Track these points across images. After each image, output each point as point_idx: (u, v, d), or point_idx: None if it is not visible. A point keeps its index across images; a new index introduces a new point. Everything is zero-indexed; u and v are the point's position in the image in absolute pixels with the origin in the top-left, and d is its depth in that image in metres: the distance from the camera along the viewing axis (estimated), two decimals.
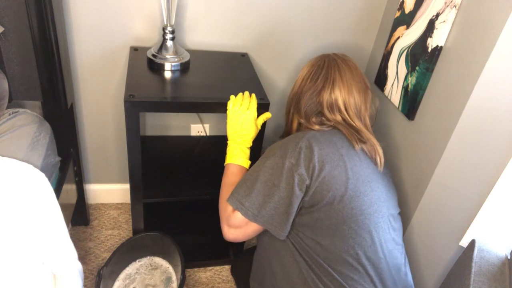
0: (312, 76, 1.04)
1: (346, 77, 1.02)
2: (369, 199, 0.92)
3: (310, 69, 1.07)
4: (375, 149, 0.98)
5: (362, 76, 1.06)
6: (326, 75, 1.03)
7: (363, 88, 1.04)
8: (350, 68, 1.04)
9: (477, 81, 0.93)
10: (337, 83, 1.01)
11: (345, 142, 0.96)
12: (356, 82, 1.03)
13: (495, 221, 1.02)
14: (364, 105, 1.04)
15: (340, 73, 1.02)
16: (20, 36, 1.07)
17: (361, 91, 1.03)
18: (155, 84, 1.18)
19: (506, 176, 0.97)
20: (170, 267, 1.41)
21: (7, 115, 1.08)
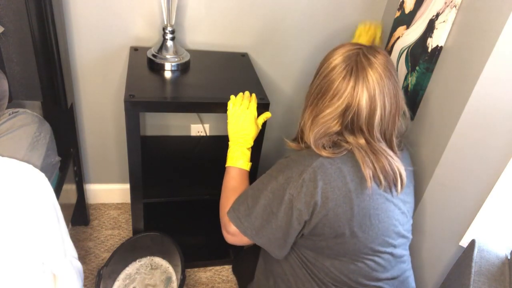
0: (335, 89, 0.83)
1: (377, 91, 0.81)
2: (374, 232, 0.85)
3: (333, 76, 0.84)
4: (397, 175, 0.85)
5: (397, 87, 0.85)
6: (352, 91, 0.81)
7: (395, 102, 0.84)
8: (381, 78, 0.82)
9: (477, 81, 0.93)
10: (364, 100, 0.81)
11: (357, 173, 0.83)
12: (389, 95, 0.82)
13: (495, 221, 1.02)
14: (393, 121, 0.85)
15: (369, 87, 0.81)
16: (20, 36, 1.07)
17: (392, 105, 0.83)
18: (155, 84, 1.18)
19: (506, 176, 0.97)
20: (170, 267, 1.41)
21: (7, 115, 1.08)
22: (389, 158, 0.84)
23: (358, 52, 0.84)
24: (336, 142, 0.86)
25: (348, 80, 0.81)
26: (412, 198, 0.98)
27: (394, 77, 0.84)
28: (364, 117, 0.82)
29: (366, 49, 0.84)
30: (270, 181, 0.87)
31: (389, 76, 0.82)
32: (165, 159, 1.47)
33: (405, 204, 0.93)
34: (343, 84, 0.82)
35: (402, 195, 0.91)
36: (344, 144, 0.85)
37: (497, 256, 0.97)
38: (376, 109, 0.81)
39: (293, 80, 1.57)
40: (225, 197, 1.03)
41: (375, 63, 0.82)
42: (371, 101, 0.81)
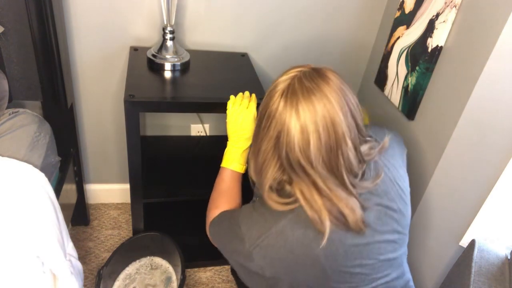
0: (264, 126, 0.74)
1: (307, 118, 0.69)
2: (358, 277, 0.77)
3: (263, 111, 0.76)
4: (354, 218, 0.73)
5: (336, 110, 0.69)
6: (281, 120, 0.71)
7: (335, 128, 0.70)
8: (313, 104, 0.69)
9: (477, 81, 0.93)
10: (292, 129, 0.70)
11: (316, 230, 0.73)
12: (325, 121, 0.69)
13: (495, 221, 1.02)
14: (338, 149, 0.71)
15: (298, 114, 0.70)
16: (20, 36, 1.07)
17: (331, 132, 0.70)
18: (155, 84, 1.18)
19: (506, 176, 0.97)
20: (170, 267, 1.41)
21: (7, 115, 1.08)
22: (342, 201, 0.72)
23: (296, 75, 0.74)
24: (281, 183, 0.77)
25: (278, 104, 0.72)
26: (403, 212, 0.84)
27: (342, 101, 0.70)
28: (298, 149, 0.70)
29: (308, 72, 0.73)
30: (240, 224, 0.83)
31: (326, 102, 0.69)
32: (165, 159, 1.47)
33: (395, 230, 0.82)
34: (274, 107, 0.72)
35: (387, 223, 0.80)
36: (287, 187, 0.76)
37: (497, 256, 0.97)
38: (309, 140, 0.69)
39: None
40: (213, 199, 1.04)
41: (313, 88, 0.70)
42: (302, 130, 0.69)
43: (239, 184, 1.07)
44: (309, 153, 0.70)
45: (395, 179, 0.83)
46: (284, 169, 0.75)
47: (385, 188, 0.80)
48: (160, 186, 1.34)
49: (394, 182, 0.83)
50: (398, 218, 0.81)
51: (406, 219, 0.84)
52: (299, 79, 0.72)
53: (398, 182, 0.84)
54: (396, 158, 0.89)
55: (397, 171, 0.85)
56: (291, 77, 0.74)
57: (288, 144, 0.70)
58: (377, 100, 1.46)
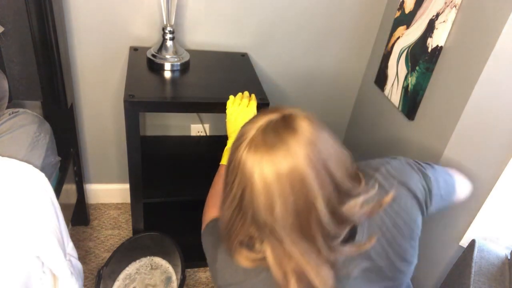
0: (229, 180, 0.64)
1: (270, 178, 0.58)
2: None
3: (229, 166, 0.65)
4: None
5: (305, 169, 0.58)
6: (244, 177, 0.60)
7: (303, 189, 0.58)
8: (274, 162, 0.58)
9: (477, 81, 0.93)
10: (255, 190, 0.59)
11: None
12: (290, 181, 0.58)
13: (495, 221, 1.02)
14: (308, 212, 0.60)
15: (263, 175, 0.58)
16: (20, 36, 1.07)
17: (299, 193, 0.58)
18: (155, 84, 1.18)
19: (506, 176, 0.97)
20: (170, 267, 1.41)
21: (7, 115, 1.08)
22: (313, 267, 0.62)
23: (261, 126, 0.62)
24: (252, 239, 0.68)
25: (241, 158, 0.61)
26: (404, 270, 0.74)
27: (312, 156, 0.58)
28: (263, 211, 0.60)
29: (275, 121, 0.61)
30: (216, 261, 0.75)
31: (300, 158, 0.58)
32: (165, 159, 1.47)
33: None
34: (237, 162, 0.62)
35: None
36: (258, 245, 0.67)
37: (497, 256, 0.97)
38: (274, 203, 0.59)
39: (293, 80, 1.57)
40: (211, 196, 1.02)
41: (278, 142, 0.59)
42: (266, 190, 0.58)
43: None
44: (276, 216, 0.59)
45: (395, 238, 0.71)
46: (252, 226, 0.65)
47: (379, 250, 0.69)
48: (160, 186, 1.34)
49: (394, 242, 0.71)
50: (393, 276, 0.73)
51: (405, 275, 0.75)
52: (264, 131, 0.60)
53: (400, 240, 0.71)
54: (403, 207, 0.74)
55: (400, 226, 0.72)
56: (256, 128, 0.62)
57: (252, 204, 0.60)
58: (377, 100, 1.46)
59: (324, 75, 1.58)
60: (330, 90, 1.63)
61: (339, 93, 1.65)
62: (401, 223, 0.72)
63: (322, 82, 1.60)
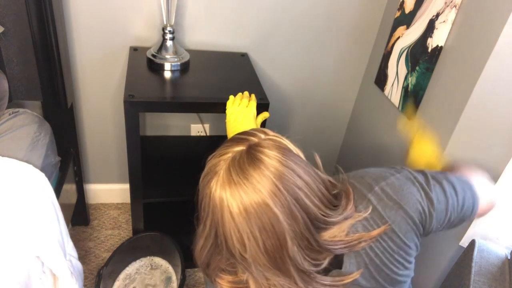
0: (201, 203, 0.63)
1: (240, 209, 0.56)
2: None
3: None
4: None
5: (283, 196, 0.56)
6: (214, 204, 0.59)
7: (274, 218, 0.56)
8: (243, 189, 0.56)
9: (477, 81, 0.93)
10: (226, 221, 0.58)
11: None
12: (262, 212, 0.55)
13: (495, 221, 1.02)
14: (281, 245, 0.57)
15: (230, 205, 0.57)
16: (20, 36, 1.07)
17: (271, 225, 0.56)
18: (155, 84, 1.18)
19: (506, 176, 0.97)
20: (170, 267, 1.41)
21: (7, 115, 1.08)
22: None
23: (225, 161, 0.60)
24: (233, 265, 0.66)
25: (209, 196, 0.59)
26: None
27: (280, 190, 0.55)
28: (237, 250, 0.59)
29: (239, 156, 0.59)
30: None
31: (265, 195, 0.55)
32: (165, 159, 1.47)
33: None
34: (206, 200, 0.60)
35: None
36: (240, 272, 0.66)
37: (497, 256, 0.97)
38: (245, 243, 0.57)
39: (293, 80, 1.57)
40: None
41: (241, 180, 0.56)
42: (237, 230, 0.57)
43: None
44: (249, 254, 0.58)
45: (385, 264, 0.67)
46: (230, 260, 0.64)
47: (368, 276, 0.66)
48: (160, 186, 1.34)
49: (384, 267, 0.67)
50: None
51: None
52: (229, 168, 0.58)
53: (391, 265, 0.67)
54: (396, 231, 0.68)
55: (391, 251, 0.67)
56: (223, 162, 0.60)
57: (227, 242, 0.59)
58: (377, 100, 1.46)
59: (324, 75, 1.58)
60: (330, 90, 1.63)
61: (339, 93, 1.65)
62: (393, 248, 0.67)
63: (322, 82, 1.60)
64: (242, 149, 0.60)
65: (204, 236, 0.64)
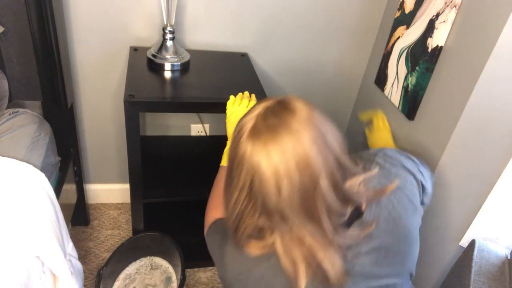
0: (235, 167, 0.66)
1: (276, 159, 0.60)
2: None
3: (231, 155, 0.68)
4: (328, 274, 0.65)
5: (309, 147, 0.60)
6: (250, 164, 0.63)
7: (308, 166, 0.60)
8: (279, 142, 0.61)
9: (477, 81, 0.93)
10: (264, 172, 0.61)
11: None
12: (295, 161, 0.60)
13: (495, 221, 1.02)
14: (312, 190, 0.62)
15: (269, 155, 0.61)
16: (20, 36, 1.07)
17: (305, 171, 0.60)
18: (155, 84, 1.18)
19: (506, 176, 0.97)
20: (170, 267, 1.41)
21: (7, 115, 1.08)
22: (319, 249, 0.65)
23: (259, 113, 0.65)
24: (261, 229, 0.69)
25: (245, 148, 0.63)
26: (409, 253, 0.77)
27: (313, 133, 0.61)
28: (273, 195, 0.62)
29: (272, 106, 0.65)
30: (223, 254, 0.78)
31: (302, 135, 0.61)
32: (165, 159, 1.47)
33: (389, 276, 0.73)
34: (241, 153, 0.64)
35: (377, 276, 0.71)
36: (268, 232, 0.69)
37: (497, 256, 0.97)
38: (281, 183, 0.61)
39: (293, 80, 1.57)
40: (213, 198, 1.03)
41: (278, 124, 0.62)
42: (274, 173, 0.60)
43: None
44: (283, 197, 0.61)
45: (400, 217, 0.74)
46: (261, 216, 0.67)
47: (386, 228, 0.71)
48: (160, 186, 1.34)
49: (399, 221, 0.73)
50: (401, 260, 0.74)
51: (411, 260, 0.77)
52: (263, 117, 0.64)
53: (404, 221, 0.74)
54: (406, 185, 0.78)
55: (404, 206, 0.75)
56: (254, 116, 0.65)
57: (262, 190, 0.62)
58: (377, 100, 1.46)
59: (324, 75, 1.58)
60: (330, 90, 1.63)
61: (339, 93, 1.65)
62: (405, 201, 0.75)
63: (322, 82, 1.60)
64: (273, 102, 0.66)
65: (238, 189, 0.66)
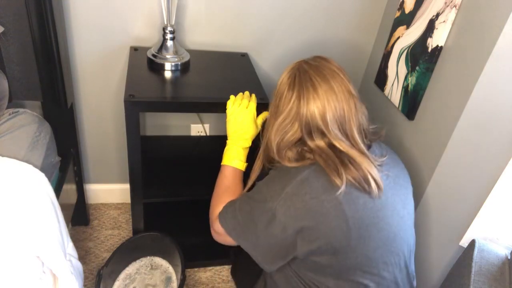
0: (285, 97, 0.87)
1: (322, 89, 0.83)
2: (375, 242, 0.81)
3: (281, 88, 0.90)
4: (367, 177, 0.80)
5: (345, 83, 0.86)
6: (298, 93, 0.85)
7: (345, 98, 0.84)
8: (325, 77, 0.85)
9: (477, 81, 0.93)
10: (311, 99, 0.83)
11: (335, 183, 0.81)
12: (336, 92, 0.84)
13: (495, 221, 1.02)
14: (350, 116, 0.84)
15: (314, 86, 0.84)
16: (20, 36, 1.07)
17: (343, 101, 0.84)
18: (155, 84, 1.18)
19: (506, 176, 0.97)
20: (170, 267, 1.41)
21: (7, 115, 1.08)
22: (356, 156, 0.82)
23: (300, 61, 0.92)
24: (300, 153, 0.87)
25: (292, 90, 0.86)
26: (409, 199, 0.93)
27: (340, 76, 0.86)
28: (317, 118, 0.83)
29: (310, 58, 0.92)
30: (258, 191, 0.88)
31: (335, 76, 0.86)
32: (165, 159, 1.47)
33: (405, 207, 0.88)
34: (289, 93, 0.87)
35: (398, 196, 0.87)
36: (308, 154, 0.86)
37: (497, 256, 0.97)
38: (326, 110, 0.83)
39: None
40: (216, 196, 1.03)
41: (320, 65, 0.87)
42: (320, 103, 0.83)
43: (241, 182, 1.06)
44: (327, 121, 0.82)
45: (394, 157, 0.97)
46: (303, 137, 0.86)
47: (391, 166, 0.90)
48: (160, 186, 1.34)
49: (396, 159, 0.96)
50: (404, 184, 0.92)
51: (411, 188, 0.95)
52: (305, 62, 0.90)
53: (396, 158, 0.97)
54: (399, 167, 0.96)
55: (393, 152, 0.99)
56: (296, 63, 0.92)
57: (307, 112, 0.83)
58: (377, 100, 1.46)
59: None
60: None
61: None
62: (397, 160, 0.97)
63: None
64: (305, 58, 0.94)
65: (285, 112, 0.86)
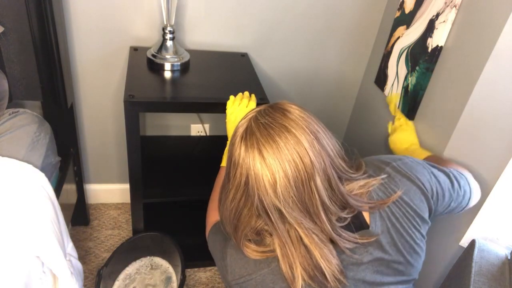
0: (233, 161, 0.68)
1: (270, 154, 0.63)
2: None
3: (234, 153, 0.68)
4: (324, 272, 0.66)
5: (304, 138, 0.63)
6: (247, 160, 0.65)
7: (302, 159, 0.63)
8: (274, 138, 0.63)
9: (477, 81, 0.93)
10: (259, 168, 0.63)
11: None
12: (289, 155, 0.63)
13: (495, 221, 1.02)
14: (309, 183, 0.64)
15: (261, 152, 0.63)
16: (20, 36, 1.07)
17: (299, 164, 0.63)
18: (155, 84, 1.18)
19: (506, 176, 0.97)
20: (170, 267, 1.41)
21: (7, 115, 1.08)
22: (316, 247, 0.66)
23: (252, 116, 0.69)
24: (259, 232, 0.71)
25: (240, 149, 0.66)
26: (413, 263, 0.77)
27: (304, 130, 0.64)
28: (269, 190, 0.64)
29: (263, 109, 0.69)
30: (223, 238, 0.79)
31: (293, 132, 0.64)
32: (165, 159, 1.47)
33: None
34: (237, 153, 0.67)
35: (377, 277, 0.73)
36: (267, 236, 0.71)
37: (497, 256, 0.97)
38: (276, 178, 0.63)
39: (293, 80, 1.57)
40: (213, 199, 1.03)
41: (270, 123, 0.65)
42: (268, 169, 0.63)
43: None
44: (279, 192, 0.63)
45: (405, 229, 0.74)
46: (259, 216, 0.69)
47: (389, 240, 0.72)
48: (160, 186, 1.34)
49: (404, 232, 0.74)
50: (405, 269, 0.75)
51: (415, 269, 0.78)
52: (255, 118, 0.67)
53: (410, 231, 0.74)
54: (412, 199, 0.76)
55: (409, 218, 0.75)
56: (247, 119, 0.68)
57: (257, 187, 0.64)
58: (377, 100, 1.46)
59: (324, 75, 1.58)
60: (330, 90, 1.63)
61: (339, 93, 1.65)
62: (410, 213, 0.75)
63: (322, 82, 1.60)
64: (265, 106, 0.70)
65: (235, 187, 0.68)
